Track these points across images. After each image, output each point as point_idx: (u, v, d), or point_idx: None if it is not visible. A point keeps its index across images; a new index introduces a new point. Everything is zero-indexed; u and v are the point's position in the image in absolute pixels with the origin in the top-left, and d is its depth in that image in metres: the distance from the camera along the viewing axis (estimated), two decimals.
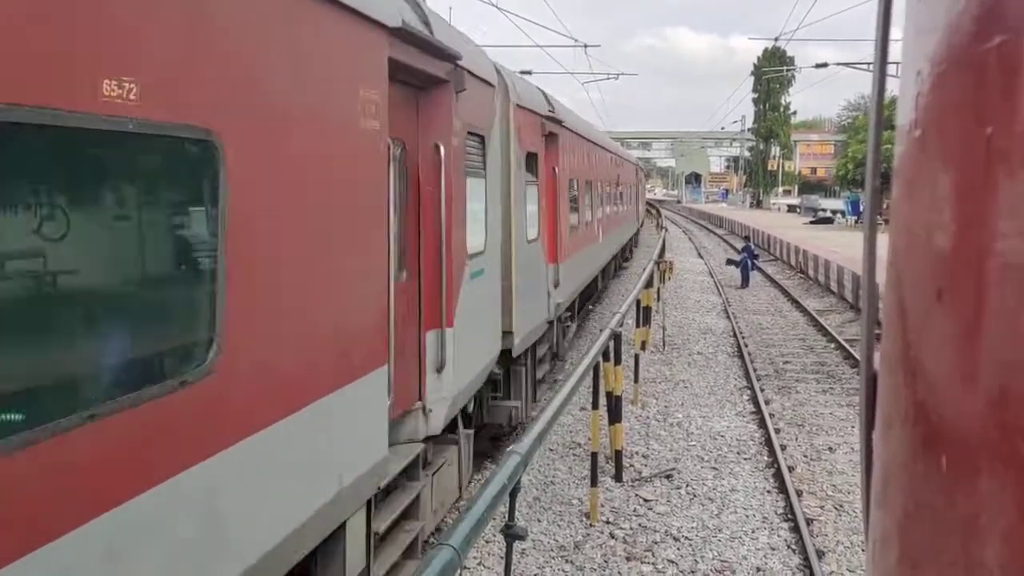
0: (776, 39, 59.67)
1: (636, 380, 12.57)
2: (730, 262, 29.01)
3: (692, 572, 7.19)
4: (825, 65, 42.94)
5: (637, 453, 10.06)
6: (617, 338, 8.97)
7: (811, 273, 27.20)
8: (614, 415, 9.18)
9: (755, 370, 14.45)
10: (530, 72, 32.91)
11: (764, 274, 29.05)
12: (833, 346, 16.60)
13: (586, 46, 37.10)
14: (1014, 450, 0.68)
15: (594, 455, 8.16)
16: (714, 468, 9.63)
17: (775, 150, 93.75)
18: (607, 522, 8.13)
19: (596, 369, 8.07)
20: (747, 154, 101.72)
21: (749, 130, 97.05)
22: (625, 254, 31.44)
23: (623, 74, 50.43)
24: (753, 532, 7.90)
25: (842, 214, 58.15)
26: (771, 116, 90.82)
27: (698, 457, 10.01)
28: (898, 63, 1.03)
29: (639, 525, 8.06)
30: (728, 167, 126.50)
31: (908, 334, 0.92)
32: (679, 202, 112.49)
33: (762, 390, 13.03)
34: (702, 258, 36.23)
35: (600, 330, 9.06)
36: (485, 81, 8.08)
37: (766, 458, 9.96)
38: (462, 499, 7.22)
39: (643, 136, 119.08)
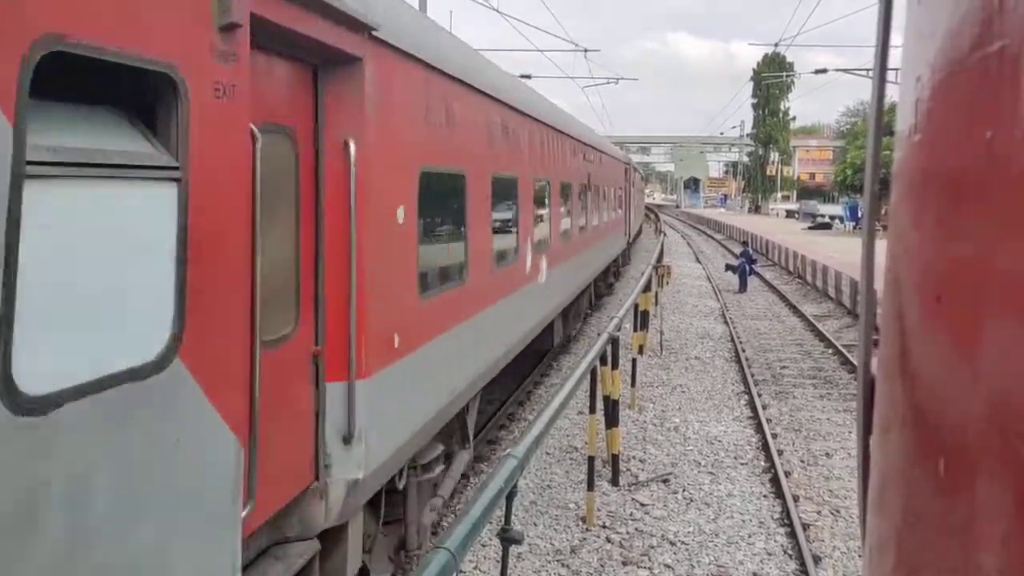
0: (776, 45, 59.63)
1: (633, 384, 12.56)
2: (728, 268, 29.00)
3: None
4: (825, 71, 43.02)
5: (634, 457, 10.05)
6: (615, 342, 8.97)
7: (809, 278, 27.21)
8: (611, 419, 9.17)
9: (752, 375, 14.45)
10: (529, 76, 32.96)
11: (762, 279, 29.07)
12: (831, 351, 16.60)
13: (586, 50, 37.17)
14: (1011, 455, 0.68)
15: (591, 459, 8.15)
16: (711, 473, 9.63)
17: (774, 155, 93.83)
18: (603, 526, 8.12)
19: (593, 373, 8.07)
20: (746, 159, 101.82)
21: (748, 135, 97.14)
22: (608, 278, 23.99)
23: (623, 78, 50.25)
24: (750, 537, 7.90)
25: (840, 220, 58.21)
26: (770, 121, 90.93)
27: (695, 462, 10.01)
28: (898, 69, 1.04)
29: (636, 529, 8.05)
30: (727, 172, 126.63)
31: (906, 339, 0.92)
32: (678, 207, 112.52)
33: (759, 395, 13.03)
34: (700, 263, 36.24)
35: (598, 334, 9.06)
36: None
37: (763, 463, 9.96)
38: None
39: (642, 140, 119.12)
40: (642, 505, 8.65)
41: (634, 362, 12.96)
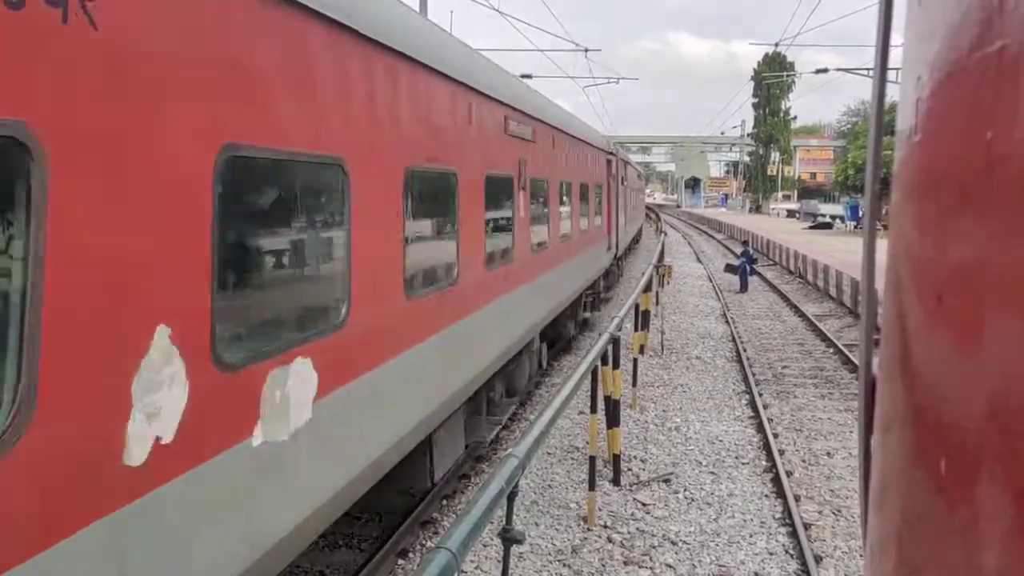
0: (777, 44, 59.61)
1: (634, 384, 12.57)
2: (728, 268, 28.92)
3: None
4: (825, 71, 43.01)
5: (635, 457, 10.05)
6: (615, 342, 8.97)
7: (810, 278, 27.21)
8: (612, 419, 9.17)
9: (753, 375, 14.45)
10: (530, 76, 32.94)
11: (763, 279, 29.06)
12: (832, 351, 16.60)
13: (587, 50, 37.15)
14: (1013, 454, 0.68)
15: (592, 459, 8.15)
16: (712, 473, 9.63)
17: (775, 155, 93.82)
18: (605, 526, 8.12)
19: (594, 373, 8.07)
20: (747, 159, 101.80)
21: (749, 135, 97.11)
22: (579, 310, 16.80)
23: (624, 78, 50.21)
24: (751, 537, 7.89)
25: (841, 219, 58.19)
26: (771, 121, 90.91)
27: (696, 462, 10.01)
28: (898, 69, 1.04)
29: (637, 529, 8.05)
30: (728, 172, 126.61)
31: (907, 339, 0.92)
32: (678, 207, 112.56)
33: (760, 395, 13.03)
34: (701, 263, 36.24)
35: (599, 334, 9.06)
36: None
37: (764, 463, 9.96)
38: None
39: (643, 140, 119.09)
40: (643, 505, 8.65)
41: (635, 362, 12.96)
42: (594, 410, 8.34)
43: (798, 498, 8.76)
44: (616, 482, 9.14)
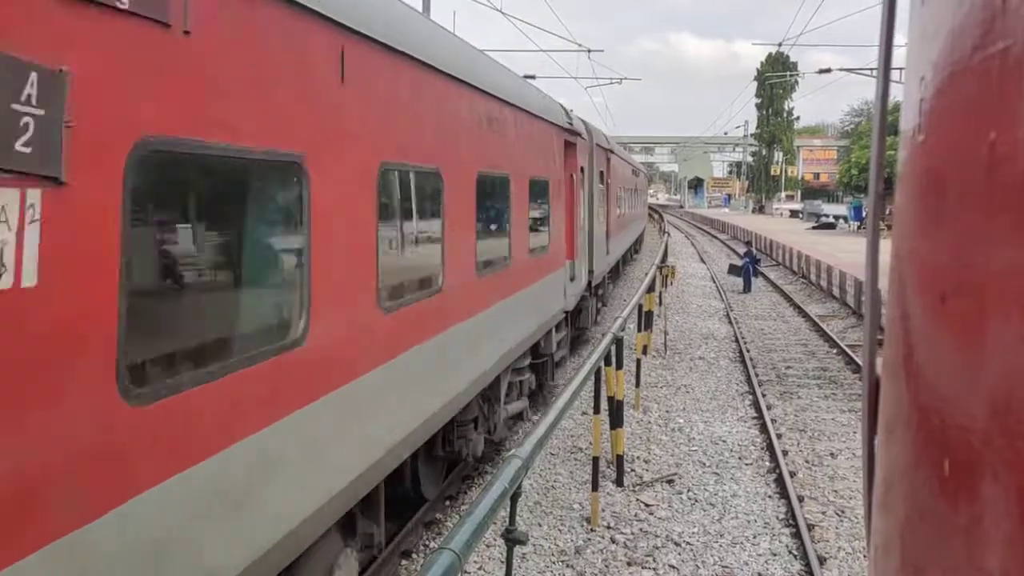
0: (780, 44, 59.60)
1: (638, 385, 12.56)
2: (732, 269, 28.80)
3: None
4: (828, 71, 42.94)
5: (638, 458, 10.05)
6: (619, 343, 8.97)
7: (813, 278, 27.18)
8: (615, 420, 9.17)
9: (757, 375, 14.43)
10: (533, 76, 32.94)
11: (766, 279, 29.04)
12: (835, 351, 16.57)
13: (589, 51, 37.11)
14: (1017, 455, 0.68)
15: (595, 460, 8.15)
16: (716, 473, 9.62)
17: (778, 155, 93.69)
18: (608, 527, 8.12)
19: (598, 374, 8.06)
20: (750, 159, 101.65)
21: (752, 135, 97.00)
22: (503, 398, 10.00)
23: (626, 79, 50.13)
24: (755, 538, 7.89)
25: (845, 220, 58.11)
26: (774, 121, 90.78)
27: (700, 462, 10.00)
28: (902, 68, 1.04)
29: (640, 530, 8.05)
30: (731, 172, 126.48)
31: (911, 340, 0.92)
32: (681, 207, 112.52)
33: (764, 395, 13.01)
34: (704, 263, 36.21)
35: (602, 335, 9.05)
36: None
37: (768, 463, 9.95)
38: None
39: (646, 141, 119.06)
40: (647, 506, 8.65)
41: (638, 363, 12.95)
42: (597, 411, 8.33)
43: (802, 499, 8.74)
44: (619, 483, 9.14)
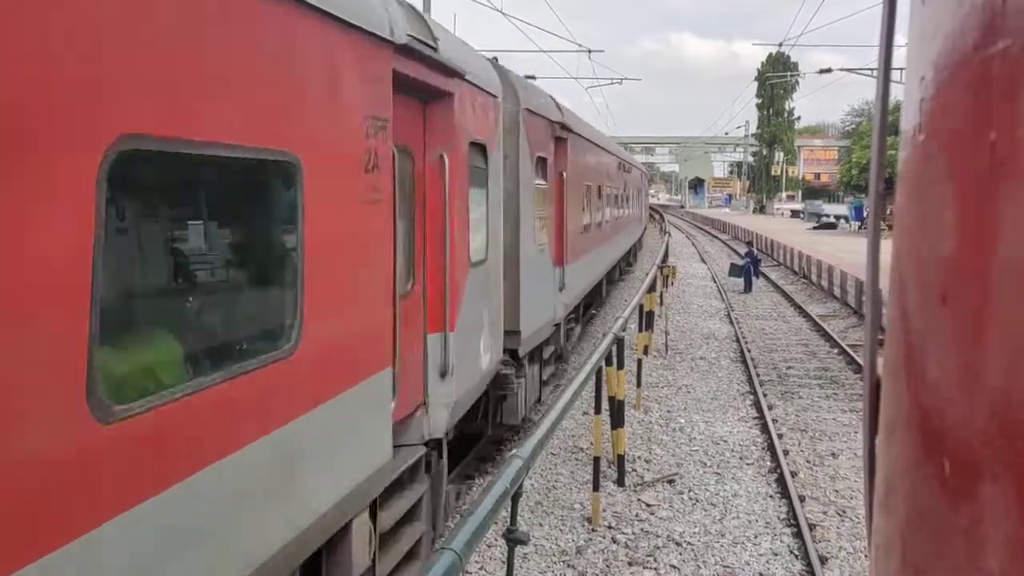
0: (780, 44, 59.60)
1: (639, 385, 12.55)
2: (733, 269, 28.52)
3: None
4: (829, 71, 42.95)
5: (639, 458, 10.04)
6: (620, 343, 8.97)
7: (814, 278, 27.17)
8: (617, 420, 9.16)
9: (758, 375, 14.42)
10: (534, 77, 32.94)
11: (767, 279, 29.02)
12: (836, 351, 16.57)
13: (590, 51, 37.11)
14: (1017, 455, 0.68)
15: (596, 460, 8.15)
16: (717, 473, 9.61)
17: (779, 155, 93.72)
18: (609, 527, 8.12)
19: (599, 374, 8.06)
20: (751, 159, 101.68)
21: (753, 135, 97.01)
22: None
23: (627, 79, 50.15)
24: (756, 537, 7.88)
25: (846, 220, 58.09)
26: (775, 121, 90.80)
27: (701, 462, 9.99)
28: (902, 69, 1.04)
29: (641, 530, 8.04)
30: (731, 172, 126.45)
31: (911, 340, 0.92)
32: (682, 207, 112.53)
33: (765, 395, 13.01)
34: (705, 263, 36.20)
35: (603, 334, 9.05)
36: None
37: (769, 463, 9.94)
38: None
39: (647, 141, 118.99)
40: (648, 505, 8.64)
41: (639, 363, 12.94)
42: (598, 411, 8.33)
43: (803, 499, 8.74)
44: (620, 483, 9.13)
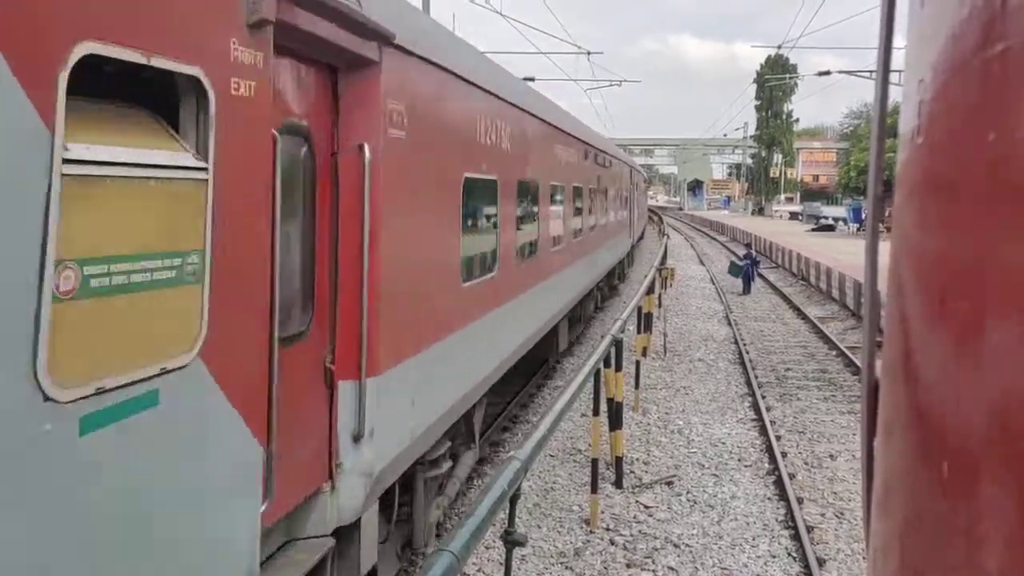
0: (779, 47, 59.67)
1: (637, 386, 12.55)
2: (732, 267, 28.53)
3: None
4: (828, 73, 42.95)
5: (638, 460, 10.04)
6: (618, 344, 8.97)
7: (813, 280, 27.18)
8: (615, 421, 9.16)
9: (756, 377, 14.43)
10: (533, 79, 32.97)
11: (765, 281, 29.04)
12: (835, 353, 16.57)
13: (589, 53, 37.09)
14: (1015, 457, 0.68)
15: (594, 461, 8.15)
16: (715, 475, 9.61)
17: (777, 157, 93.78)
18: (607, 529, 8.12)
19: (597, 375, 8.06)
20: (749, 161, 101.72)
21: (751, 137, 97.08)
22: None
23: (626, 81, 50.15)
24: (754, 539, 7.88)
25: (844, 222, 58.15)
26: (773, 123, 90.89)
27: (699, 464, 10.00)
28: (901, 71, 1.04)
29: (639, 532, 8.04)
30: (730, 174, 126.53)
31: (910, 341, 0.92)
32: (681, 209, 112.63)
33: (763, 397, 13.01)
34: (704, 265, 36.21)
35: (601, 336, 9.05)
36: None
37: (767, 465, 9.94)
38: None
39: (646, 143, 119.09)
40: (646, 507, 8.64)
41: (638, 364, 12.94)
42: (597, 413, 8.33)
43: (801, 501, 8.74)
44: (618, 485, 9.13)
